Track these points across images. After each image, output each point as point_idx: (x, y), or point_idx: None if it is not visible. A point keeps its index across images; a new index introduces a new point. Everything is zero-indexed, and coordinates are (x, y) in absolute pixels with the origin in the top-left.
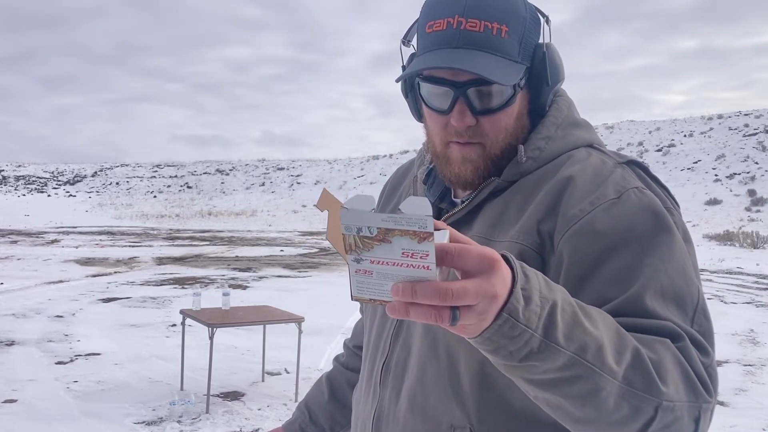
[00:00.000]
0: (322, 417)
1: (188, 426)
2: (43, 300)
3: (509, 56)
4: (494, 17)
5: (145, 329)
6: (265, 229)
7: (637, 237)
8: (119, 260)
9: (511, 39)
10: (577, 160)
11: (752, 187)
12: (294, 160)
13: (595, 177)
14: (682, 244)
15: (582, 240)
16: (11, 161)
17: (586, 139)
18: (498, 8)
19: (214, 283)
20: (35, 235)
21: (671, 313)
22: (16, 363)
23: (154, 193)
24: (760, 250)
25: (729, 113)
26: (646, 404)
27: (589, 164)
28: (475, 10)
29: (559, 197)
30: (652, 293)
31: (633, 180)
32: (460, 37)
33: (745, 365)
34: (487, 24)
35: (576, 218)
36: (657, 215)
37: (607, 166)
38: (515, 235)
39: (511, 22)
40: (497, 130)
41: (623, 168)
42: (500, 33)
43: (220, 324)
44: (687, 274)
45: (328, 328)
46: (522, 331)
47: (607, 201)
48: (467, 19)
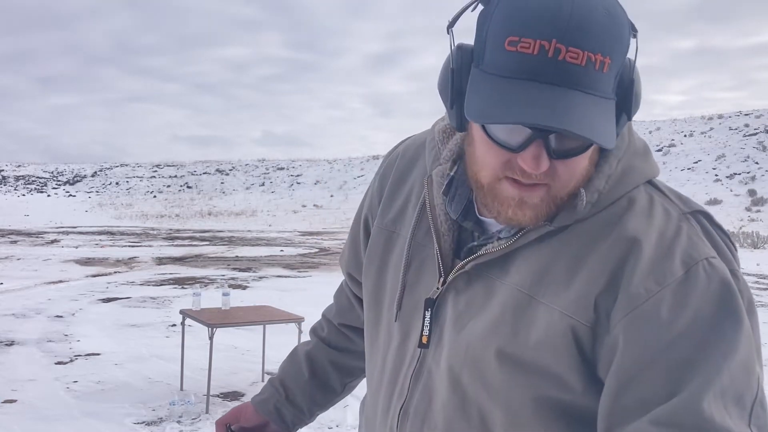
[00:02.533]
0: (301, 397)
1: (188, 426)
2: (43, 300)
3: (606, 95)
4: (599, 46)
5: (145, 329)
6: (265, 229)
7: (701, 326)
8: (119, 260)
9: (610, 72)
10: (640, 210)
11: (752, 187)
12: (294, 160)
13: (660, 241)
14: (749, 328)
15: (643, 328)
16: (11, 161)
17: (645, 174)
18: (605, 34)
19: (214, 283)
20: (35, 235)
21: (729, 416)
22: (16, 363)
23: (154, 193)
24: (760, 250)
25: (729, 113)
26: None
27: (654, 219)
28: (580, 37)
29: (623, 266)
30: (711, 395)
31: (701, 245)
32: (557, 71)
33: None
34: (590, 55)
35: (640, 300)
36: (724, 299)
37: (671, 223)
38: (568, 306)
39: (615, 53)
40: (571, 173)
41: (688, 222)
42: (603, 67)
43: (220, 324)
44: (749, 367)
45: None
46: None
47: (675, 280)
48: (567, 47)
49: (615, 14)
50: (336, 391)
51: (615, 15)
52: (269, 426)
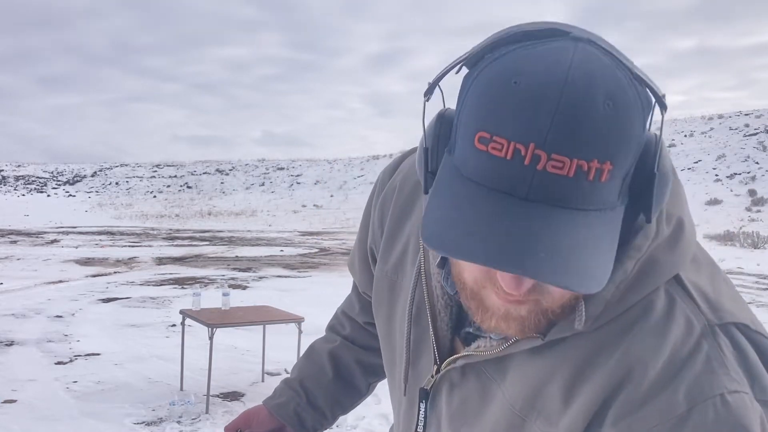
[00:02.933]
0: (324, 399)
1: (188, 426)
2: (43, 300)
3: (607, 206)
4: (595, 151)
5: (145, 329)
6: (264, 229)
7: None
8: (119, 260)
9: (613, 180)
10: (654, 323)
11: (753, 187)
12: (294, 160)
13: (668, 366)
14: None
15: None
16: (11, 161)
17: (670, 269)
18: (605, 135)
19: (214, 283)
20: (35, 235)
21: None
22: (15, 363)
23: (154, 193)
24: (760, 250)
25: (729, 113)
26: None
27: (669, 336)
28: (567, 140)
29: (617, 394)
30: None
31: (720, 374)
32: (536, 184)
33: None
34: (581, 164)
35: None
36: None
37: (689, 340)
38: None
39: (620, 156)
40: (563, 291)
41: (713, 339)
42: (600, 176)
43: (219, 324)
44: None
45: None
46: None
47: (670, 420)
48: (550, 154)
49: (622, 103)
50: (361, 391)
51: (622, 105)
52: (284, 431)
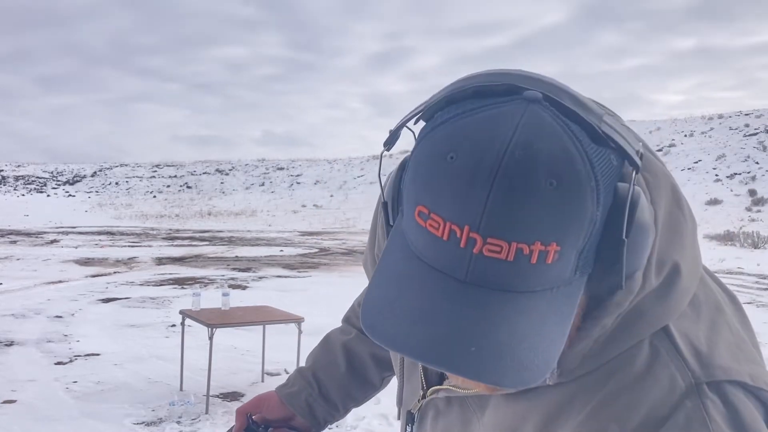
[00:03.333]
0: (336, 392)
1: (188, 426)
2: (43, 300)
3: (557, 284)
4: (536, 233)
5: (145, 329)
6: (264, 229)
7: None
8: (119, 260)
9: (563, 259)
10: (633, 378)
11: (753, 187)
12: (294, 160)
13: (643, 427)
14: None
15: None
16: (11, 161)
17: (657, 322)
18: (546, 215)
19: (214, 284)
20: (35, 235)
21: None
22: (15, 363)
23: (154, 193)
24: (760, 250)
25: (729, 113)
26: None
27: (645, 394)
28: (503, 225)
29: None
30: None
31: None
32: (473, 267)
33: None
34: (521, 247)
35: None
36: None
37: (670, 399)
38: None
39: (568, 235)
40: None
41: (698, 400)
42: (544, 258)
43: (219, 324)
44: None
45: (328, 328)
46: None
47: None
48: (486, 238)
49: (569, 181)
50: (374, 385)
51: (568, 183)
52: (295, 420)
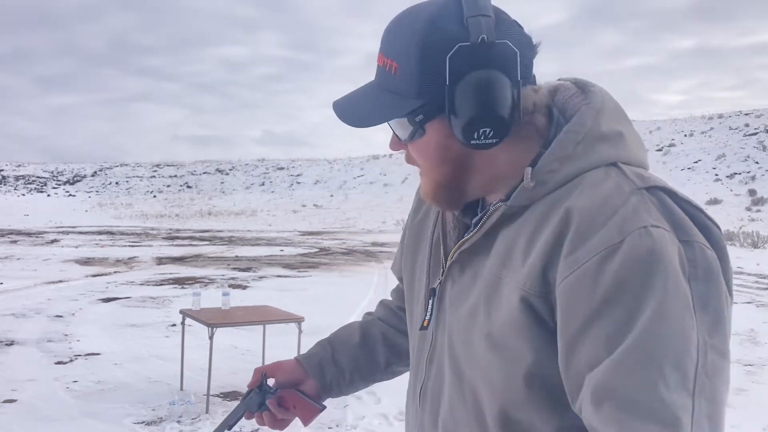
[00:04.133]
0: (346, 359)
1: (188, 426)
2: (43, 300)
3: (399, 92)
4: (388, 52)
5: (145, 329)
6: (264, 229)
7: (625, 298)
8: (119, 260)
9: (401, 75)
10: (589, 185)
11: (753, 187)
12: (294, 159)
13: (601, 210)
14: (682, 296)
15: (574, 295)
16: (11, 161)
17: (609, 157)
18: (391, 42)
19: (214, 283)
20: (35, 235)
21: (659, 382)
22: (15, 363)
23: (154, 193)
24: (760, 249)
25: (729, 113)
26: None
27: (601, 192)
28: (382, 44)
29: (562, 237)
30: (634, 361)
31: (644, 215)
32: (376, 69)
33: (746, 365)
34: (386, 60)
35: (573, 267)
36: (649, 267)
37: (620, 194)
38: (522, 281)
39: (401, 59)
40: (422, 158)
41: (640, 196)
42: (391, 70)
43: (219, 324)
44: (680, 332)
45: (328, 328)
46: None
47: (606, 248)
48: (379, 54)
49: (403, 24)
50: (380, 365)
51: (402, 25)
52: (305, 383)
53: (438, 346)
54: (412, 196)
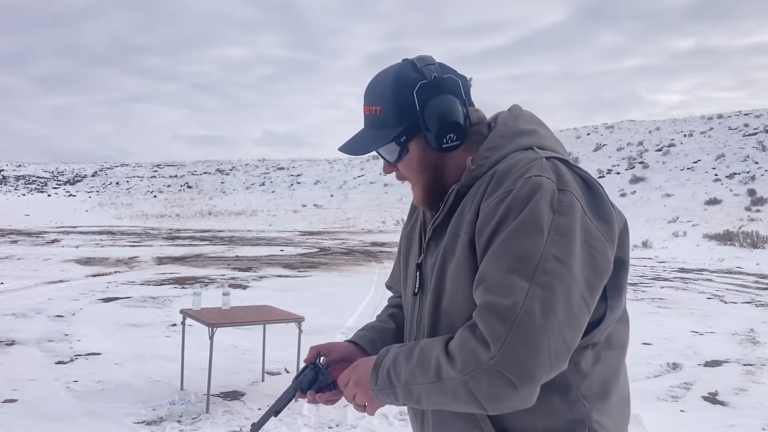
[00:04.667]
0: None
1: (188, 426)
2: (43, 300)
3: (384, 125)
4: (372, 102)
5: (145, 329)
6: (265, 229)
7: (504, 217)
8: (119, 260)
9: (385, 113)
10: (509, 159)
11: (752, 187)
12: (294, 159)
13: (511, 169)
14: (542, 213)
15: (480, 223)
16: (11, 161)
17: (526, 144)
18: (373, 95)
19: (215, 283)
20: (35, 235)
21: (506, 268)
22: (16, 363)
23: (154, 193)
24: (760, 249)
25: (729, 113)
26: (457, 385)
27: (513, 162)
28: (366, 99)
29: (485, 191)
30: (498, 255)
31: (534, 170)
32: (364, 120)
33: (745, 365)
34: (370, 108)
35: (485, 207)
36: (528, 195)
37: (526, 161)
38: (467, 227)
39: (383, 102)
40: (408, 171)
41: (540, 162)
42: (376, 112)
43: (220, 324)
44: (529, 240)
45: (328, 327)
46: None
47: (504, 192)
48: (365, 106)
49: (384, 78)
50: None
51: (384, 79)
52: (356, 357)
53: (421, 305)
54: (412, 196)
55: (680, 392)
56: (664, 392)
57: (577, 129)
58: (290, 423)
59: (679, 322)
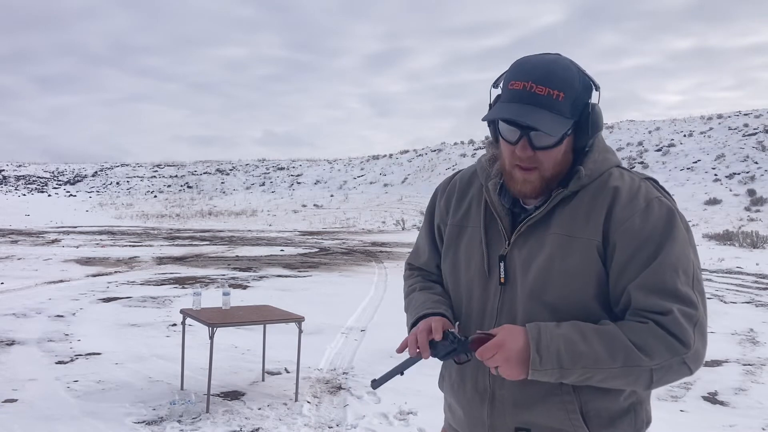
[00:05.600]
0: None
1: (188, 425)
2: (44, 300)
3: (562, 114)
4: (555, 86)
5: (146, 329)
6: (265, 229)
7: (658, 234)
8: (120, 260)
9: (565, 102)
10: (616, 177)
11: (752, 187)
12: (294, 159)
13: (630, 190)
14: (684, 233)
15: (627, 236)
16: (11, 161)
17: (615, 162)
18: (559, 80)
19: (215, 283)
20: (36, 235)
21: (679, 280)
22: (16, 362)
23: (155, 193)
24: (759, 249)
25: (728, 113)
26: (643, 372)
27: (625, 181)
28: (544, 80)
29: (613, 205)
30: (666, 268)
31: (653, 191)
32: (530, 97)
33: (745, 365)
34: (550, 90)
35: (623, 221)
36: (669, 217)
37: (635, 182)
38: (591, 234)
39: (567, 91)
40: (548, 161)
41: (645, 182)
42: (558, 98)
43: (220, 323)
44: (687, 255)
45: (328, 327)
46: (546, 371)
47: (641, 209)
48: (537, 85)
49: (566, 68)
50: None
51: (566, 69)
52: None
53: (509, 294)
54: (412, 196)
55: (680, 392)
56: (664, 392)
57: None
58: (290, 423)
59: None
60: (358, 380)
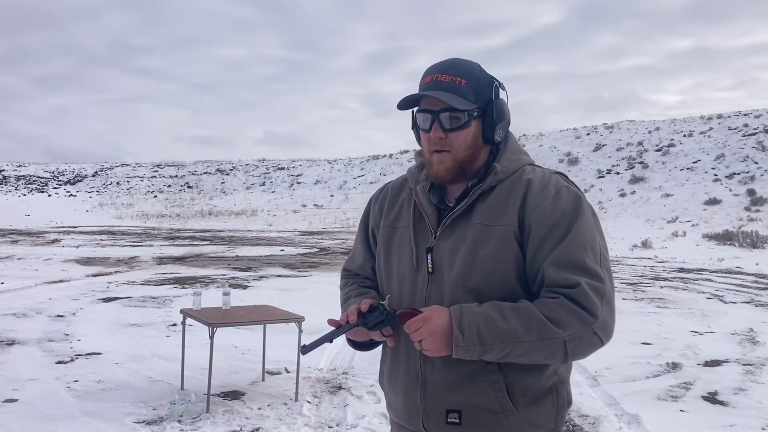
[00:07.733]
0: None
1: (189, 425)
2: (44, 299)
3: (465, 97)
4: (456, 74)
5: (146, 329)
6: (265, 229)
7: (567, 216)
8: (120, 260)
9: (467, 87)
10: (529, 172)
11: (752, 187)
12: (294, 159)
13: (542, 181)
14: (591, 217)
15: (540, 220)
16: (12, 161)
17: (528, 161)
18: (460, 69)
19: (215, 283)
20: (36, 235)
21: (586, 256)
22: (16, 362)
23: (155, 193)
24: (759, 249)
25: (728, 113)
26: (558, 343)
27: (537, 174)
28: (447, 70)
29: (526, 194)
30: (574, 245)
31: (561, 182)
32: (436, 84)
33: (745, 365)
34: (452, 77)
35: (536, 207)
36: (577, 203)
37: (546, 175)
38: (508, 221)
39: (468, 78)
40: (459, 143)
41: (555, 175)
42: (461, 83)
43: (220, 323)
44: (594, 235)
45: (328, 327)
46: (468, 348)
47: (551, 196)
48: (441, 74)
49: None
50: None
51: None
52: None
53: (436, 282)
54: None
55: (680, 392)
56: (664, 392)
57: (577, 129)
58: (290, 423)
59: (678, 321)
60: (358, 380)
